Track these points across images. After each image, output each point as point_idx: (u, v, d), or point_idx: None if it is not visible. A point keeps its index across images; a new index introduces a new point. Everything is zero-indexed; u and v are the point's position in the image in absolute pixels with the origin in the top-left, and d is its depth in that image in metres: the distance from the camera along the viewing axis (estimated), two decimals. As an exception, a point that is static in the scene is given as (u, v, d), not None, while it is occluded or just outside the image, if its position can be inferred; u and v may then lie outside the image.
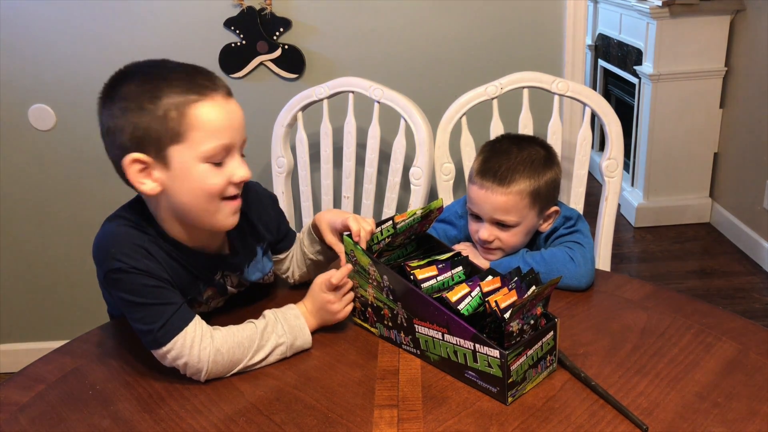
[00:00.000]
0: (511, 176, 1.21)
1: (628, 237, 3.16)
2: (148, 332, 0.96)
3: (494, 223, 1.23)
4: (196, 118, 0.94)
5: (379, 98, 1.68)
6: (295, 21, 1.94)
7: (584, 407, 0.89)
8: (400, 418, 0.89)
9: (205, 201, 0.98)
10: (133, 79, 0.96)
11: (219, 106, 0.96)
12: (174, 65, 0.99)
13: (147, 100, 0.93)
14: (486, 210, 1.23)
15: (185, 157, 0.95)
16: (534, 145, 1.27)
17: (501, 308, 0.90)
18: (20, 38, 1.96)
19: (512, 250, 1.26)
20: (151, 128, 0.93)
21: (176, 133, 0.94)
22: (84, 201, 2.13)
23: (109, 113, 0.96)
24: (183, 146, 0.94)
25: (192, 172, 0.95)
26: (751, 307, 2.53)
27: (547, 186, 1.24)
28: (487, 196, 1.22)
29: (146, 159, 0.95)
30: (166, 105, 0.93)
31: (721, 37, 2.94)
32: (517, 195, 1.21)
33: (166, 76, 0.96)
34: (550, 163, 1.26)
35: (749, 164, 2.87)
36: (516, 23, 1.96)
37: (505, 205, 1.21)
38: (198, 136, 0.94)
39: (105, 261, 0.97)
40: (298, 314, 1.05)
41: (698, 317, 1.08)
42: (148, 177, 0.96)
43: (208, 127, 0.95)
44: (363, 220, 1.08)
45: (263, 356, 1.00)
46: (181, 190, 0.97)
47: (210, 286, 1.10)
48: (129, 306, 0.97)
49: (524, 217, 1.23)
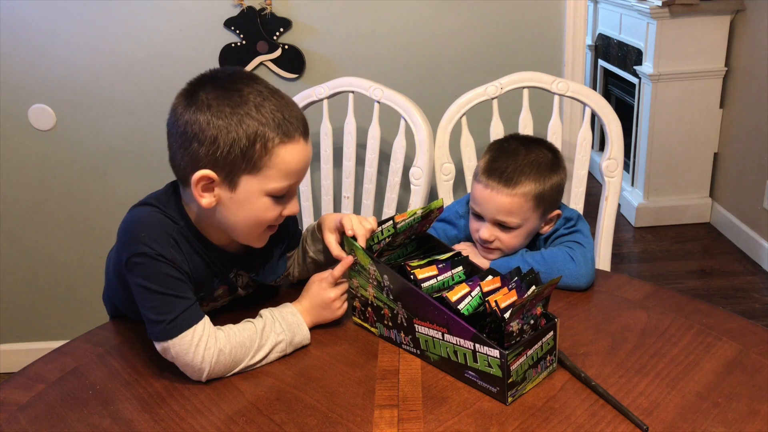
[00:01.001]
0: (517, 178, 1.20)
1: (628, 237, 3.16)
2: (157, 322, 0.96)
3: (496, 223, 1.23)
4: (279, 158, 0.95)
5: (379, 98, 1.68)
6: (295, 21, 1.94)
7: (584, 407, 0.89)
8: (400, 418, 0.89)
9: (253, 227, 1.01)
10: (224, 91, 0.94)
11: (301, 151, 0.98)
12: (266, 91, 0.97)
13: (236, 123, 0.93)
14: (489, 210, 1.22)
15: (252, 187, 0.96)
16: (542, 148, 1.26)
17: (501, 308, 0.90)
18: (20, 38, 1.96)
19: (511, 252, 1.26)
20: (231, 153, 0.93)
21: (254, 165, 0.95)
22: (84, 201, 2.13)
23: (192, 118, 0.94)
24: (255, 178, 0.96)
25: (253, 201, 0.97)
26: (751, 307, 2.53)
27: (552, 190, 1.23)
28: (491, 196, 1.21)
29: (216, 177, 0.95)
30: (253, 136, 0.93)
31: (721, 37, 2.94)
32: (521, 197, 1.20)
33: (259, 103, 0.94)
34: (557, 167, 1.25)
35: (749, 164, 2.87)
36: (516, 23, 1.96)
37: (509, 206, 1.20)
38: (273, 173, 0.96)
39: (132, 243, 0.96)
40: (295, 311, 1.06)
41: (698, 317, 1.08)
42: (209, 192, 0.97)
43: (285, 168, 0.96)
44: (363, 219, 1.08)
45: (263, 355, 1.00)
46: (235, 212, 0.99)
47: (223, 284, 1.11)
48: (145, 292, 0.96)
49: (526, 220, 1.23)
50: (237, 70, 1.00)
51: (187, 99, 0.96)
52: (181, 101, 0.97)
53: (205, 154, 0.94)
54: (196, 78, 0.99)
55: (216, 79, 0.97)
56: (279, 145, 0.95)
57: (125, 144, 2.07)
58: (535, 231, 1.27)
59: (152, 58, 1.97)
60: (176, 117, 0.97)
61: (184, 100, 0.96)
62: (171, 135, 0.99)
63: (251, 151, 0.93)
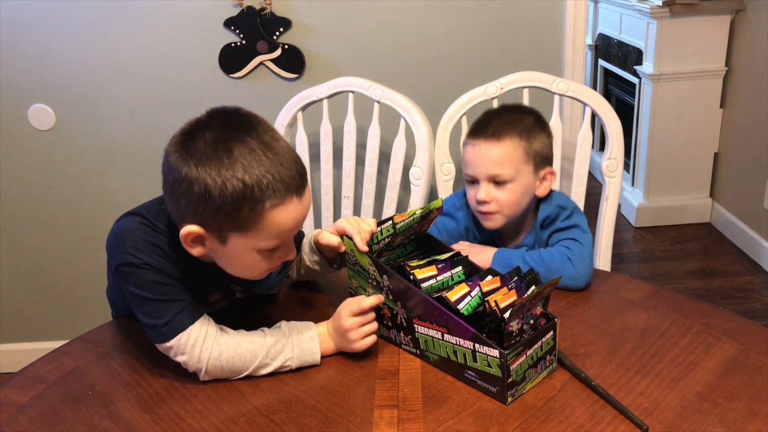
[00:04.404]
0: (503, 131, 1.23)
1: (628, 237, 3.16)
2: (152, 327, 0.96)
3: (490, 180, 1.24)
4: (268, 220, 0.91)
5: (379, 98, 1.68)
6: (295, 21, 1.94)
7: (584, 407, 0.89)
8: (400, 418, 0.89)
9: (246, 274, 1.00)
10: (214, 150, 0.89)
11: (293, 211, 0.93)
12: (259, 149, 0.90)
13: (221, 185, 0.88)
14: (481, 166, 1.24)
15: (242, 244, 0.94)
16: (525, 112, 1.29)
17: (501, 308, 0.90)
18: (20, 38, 1.96)
19: (511, 213, 1.26)
20: (219, 213, 0.90)
21: (242, 225, 0.91)
22: (84, 201, 2.13)
23: (181, 174, 0.90)
24: (244, 236, 0.93)
25: (243, 256, 0.96)
26: (751, 307, 2.53)
27: (540, 143, 1.25)
28: (480, 151, 1.23)
29: (203, 233, 0.93)
30: (241, 199, 0.89)
31: (721, 37, 2.94)
32: (509, 146, 1.22)
33: (248, 164, 0.88)
34: (542, 125, 1.28)
35: (749, 164, 2.87)
36: (516, 23, 1.96)
37: (499, 156, 1.22)
38: (262, 234, 0.93)
39: (119, 253, 0.97)
40: (314, 336, 1.02)
41: (698, 317, 1.08)
42: (199, 244, 0.95)
43: (276, 229, 0.93)
44: (362, 221, 1.07)
45: (266, 373, 0.99)
46: (226, 261, 0.98)
47: (217, 290, 1.10)
48: (137, 299, 0.97)
49: (519, 172, 1.23)
50: (232, 119, 0.93)
51: (178, 150, 0.91)
52: (174, 150, 0.92)
53: (194, 212, 0.91)
54: (191, 125, 0.93)
55: (210, 128, 0.92)
56: (269, 209, 0.90)
57: (125, 144, 2.07)
58: (530, 190, 1.26)
59: (152, 58, 1.97)
60: (169, 167, 0.93)
61: (176, 151, 0.92)
62: (164, 182, 0.95)
63: (238, 213, 0.89)
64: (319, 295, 1.22)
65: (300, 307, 1.18)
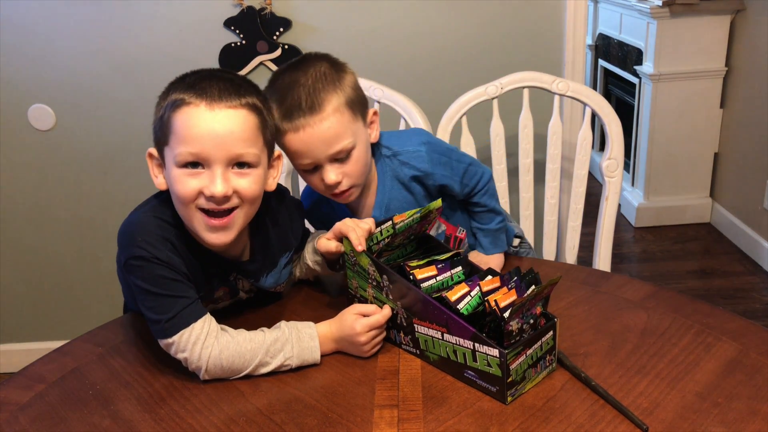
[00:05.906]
0: (317, 99, 1.07)
1: (628, 237, 3.16)
2: (156, 321, 0.97)
3: (333, 160, 1.11)
4: (176, 122, 0.96)
5: (379, 98, 1.68)
6: (295, 21, 1.94)
7: (584, 407, 0.89)
8: (400, 418, 0.89)
9: (181, 206, 0.99)
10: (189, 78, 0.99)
11: (198, 115, 0.94)
12: (219, 72, 1.01)
13: (161, 97, 0.99)
14: (318, 148, 1.09)
15: (169, 160, 0.98)
16: (312, 61, 1.14)
17: (500, 307, 0.90)
18: (20, 38, 1.96)
19: (363, 177, 1.16)
20: (156, 125, 0.99)
21: (164, 134, 0.98)
22: (84, 201, 2.13)
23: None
24: (168, 148, 0.98)
25: (171, 174, 0.98)
26: (751, 307, 2.53)
27: (354, 90, 1.13)
28: (308, 134, 1.07)
29: (155, 154, 1.00)
30: (167, 105, 0.97)
31: (721, 37, 2.94)
32: (335, 113, 1.08)
33: (193, 81, 0.97)
34: (340, 67, 1.15)
35: (749, 164, 2.87)
36: (516, 23, 1.96)
37: (333, 129, 1.08)
38: (173, 140, 0.96)
39: (129, 246, 0.97)
40: (314, 335, 1.02)
41: (698, 317, 1.08)
42: (160, 172, 1.01)
43: (181, 133, 0.95)
44: (360, 221, 1.07)
45: (265, 371, 0.99)
46: (171, 192, 1.00)
47: (223, 286, 1.11)
48: (143, 293, 0.98)
49: (355, 133, 1.11)
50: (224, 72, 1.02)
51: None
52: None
53: (153, 132, 1.00)
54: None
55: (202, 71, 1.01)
56: (176, 109, 0.95)
57: (125, 144, 2.07)
58: (368, 144, 1.16)
59: (152, 58, 1.97)
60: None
61: None
62: None
63: (162, 121, 0.97)
64: (319, 294, 1.22)
65: (301, 306, 1.18)
